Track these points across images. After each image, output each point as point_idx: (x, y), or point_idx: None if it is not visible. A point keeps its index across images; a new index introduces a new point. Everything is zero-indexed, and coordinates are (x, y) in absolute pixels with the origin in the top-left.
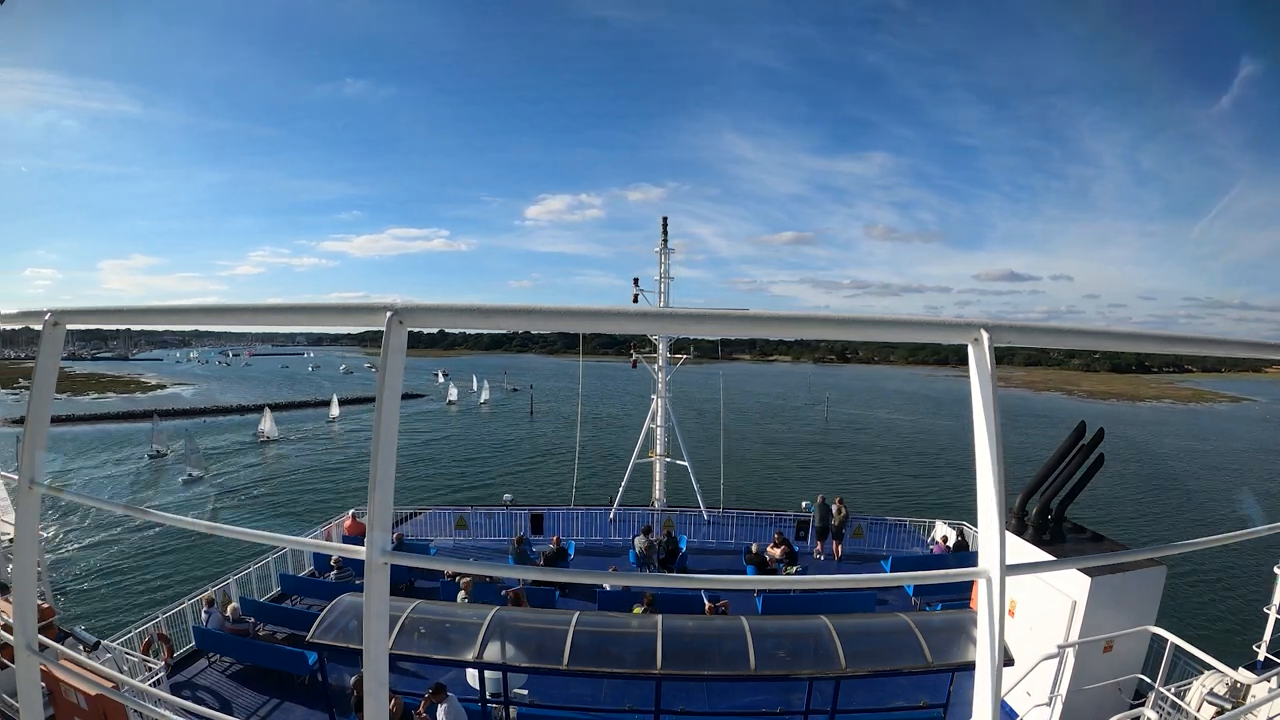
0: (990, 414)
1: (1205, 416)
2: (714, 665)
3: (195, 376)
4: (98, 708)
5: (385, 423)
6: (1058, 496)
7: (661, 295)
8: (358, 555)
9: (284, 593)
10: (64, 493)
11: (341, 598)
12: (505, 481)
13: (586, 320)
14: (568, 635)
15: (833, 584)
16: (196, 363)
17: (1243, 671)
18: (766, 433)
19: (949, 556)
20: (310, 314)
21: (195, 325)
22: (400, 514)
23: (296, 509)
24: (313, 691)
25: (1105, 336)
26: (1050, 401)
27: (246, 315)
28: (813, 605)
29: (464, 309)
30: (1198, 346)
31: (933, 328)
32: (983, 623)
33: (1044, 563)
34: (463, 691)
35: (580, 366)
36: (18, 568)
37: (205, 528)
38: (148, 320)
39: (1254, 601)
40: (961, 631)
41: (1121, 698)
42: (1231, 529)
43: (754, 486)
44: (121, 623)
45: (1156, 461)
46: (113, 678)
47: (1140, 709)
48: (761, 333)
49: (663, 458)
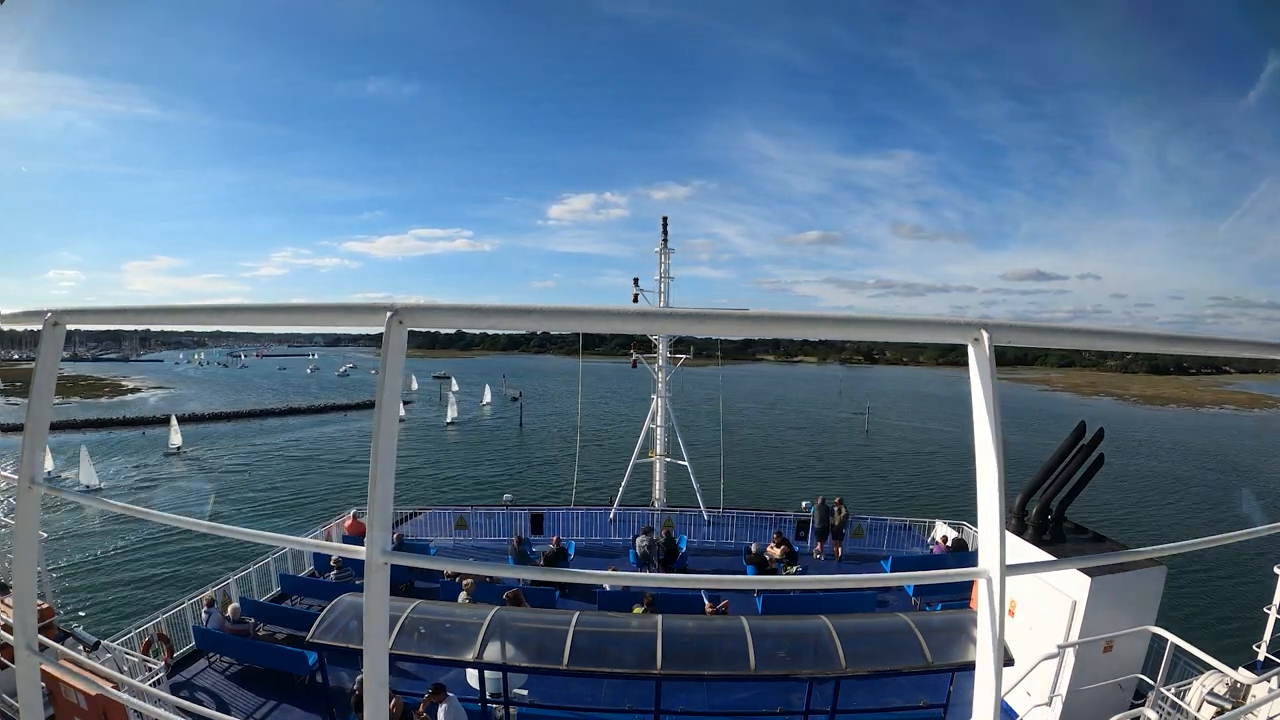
0: (991, 414)
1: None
2: (714, 665)
3: (182, 379)
4: (98, 708)
5: (385, 423)
6: (1058, 497)
7: (661, 295)
8: (358, 555)
9: (284, 593)
10: (64, 493)
11: (341, 598)
12: (505, 482)
13: (587, 320)
14: (568, 635)
15: (833, 584)
16: (195, 365)
17: (1243, 671)
18: (811, 445)
19: (949, 556)
20: (310, 314)
21: (194, 325)
22: (400, 514)
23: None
24: (313, 691)
25: (1105, 336)
26: (1104, 409)
27: (247, 315)
28: (813, 605)
29: (463, 309)
30: (1198, 346)
31: (933, 327)
32: (983, 623)
33: (1044, 563)
34: (463, 691)
35: (580, 366)
36: (18, 568)
37: (205, 528)
38: (146, 320)
39: (1254, 601)
40: (961, 631)
41: (1122, 697)
42: (1231, 529)
43: (754, 486)
44: (121, 623)
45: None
46: (113, 678)
47: (1140, 709)
48: (761, 332)
49: (663, 458)
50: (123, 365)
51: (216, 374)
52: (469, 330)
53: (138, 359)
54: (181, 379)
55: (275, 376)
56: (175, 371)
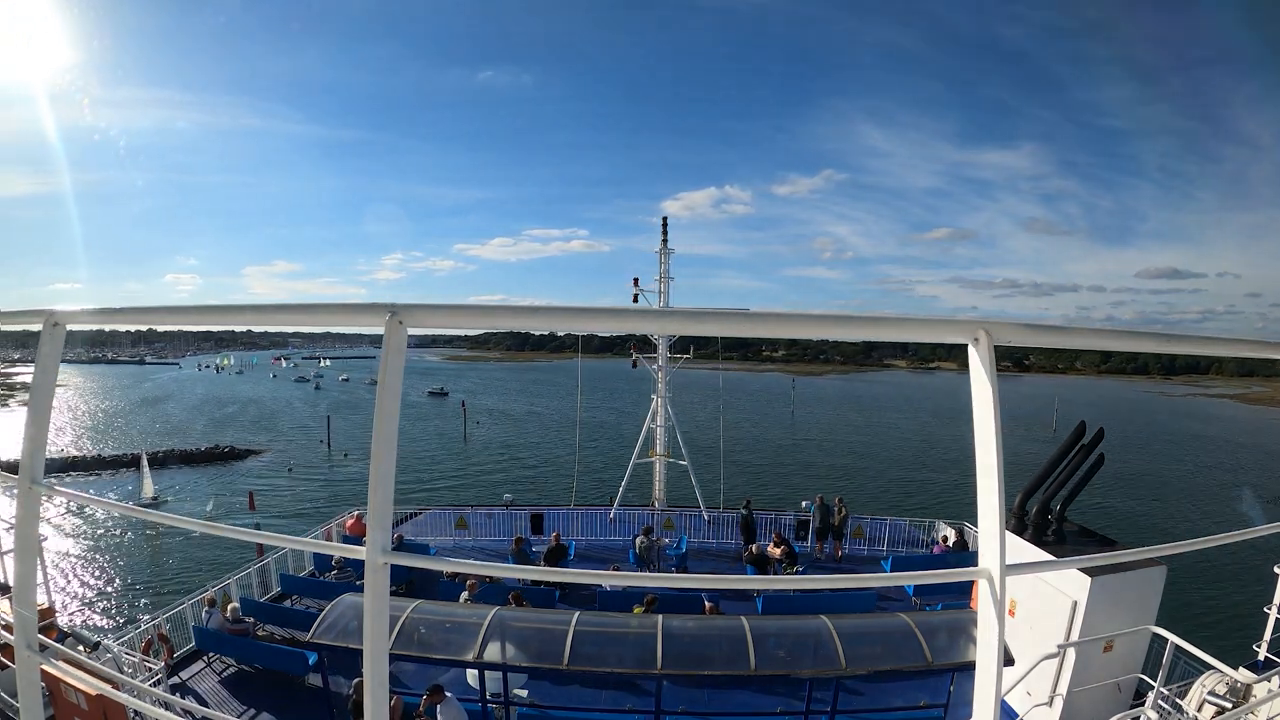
0: (991, 414)
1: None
2: (714, 665)
3: (160, 386)
4: (98, 708)
5: (385, 423)
6: (1058, 496)
7: (661, 295)
8: (358, 555)
9: (284, 593)
10: (64, 492)
11: (342, 598)
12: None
13: (587, 320)
14: (568, 635)
15: (833, 584)
16: (196, 369)
17: (1243, 671)
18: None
19: (949, 556)
20: (310, 314)
21: (193, 325)
22: (400, 514)
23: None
24: (313, 691)
25: (1105, 336)
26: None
27: (247, 315)
28: (813, 605)
29: (463, 308)
30: (1198, 346)
31: (933, 327)
32: (983, 623)
33: (1044, 563)
34: (463, 692)
35: (580, 366)
36: (18, 568)
37: (206, 528)
38: (146, 320)
39: (1254, 601)
40: (962, 631)
41: (1122, 697)
42: (1231, 529)
43: (755, 486)
44: (121, 623)
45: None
46: (113, 678)
47: (1140, 709)
48: (761, 332)
49: (663, 457)
50: (136, 368)
51: (207, 378)
52: (495, 330)
53: (150, 362)
54: (160, 386)
55: (267, 383)
56: (170, 376)
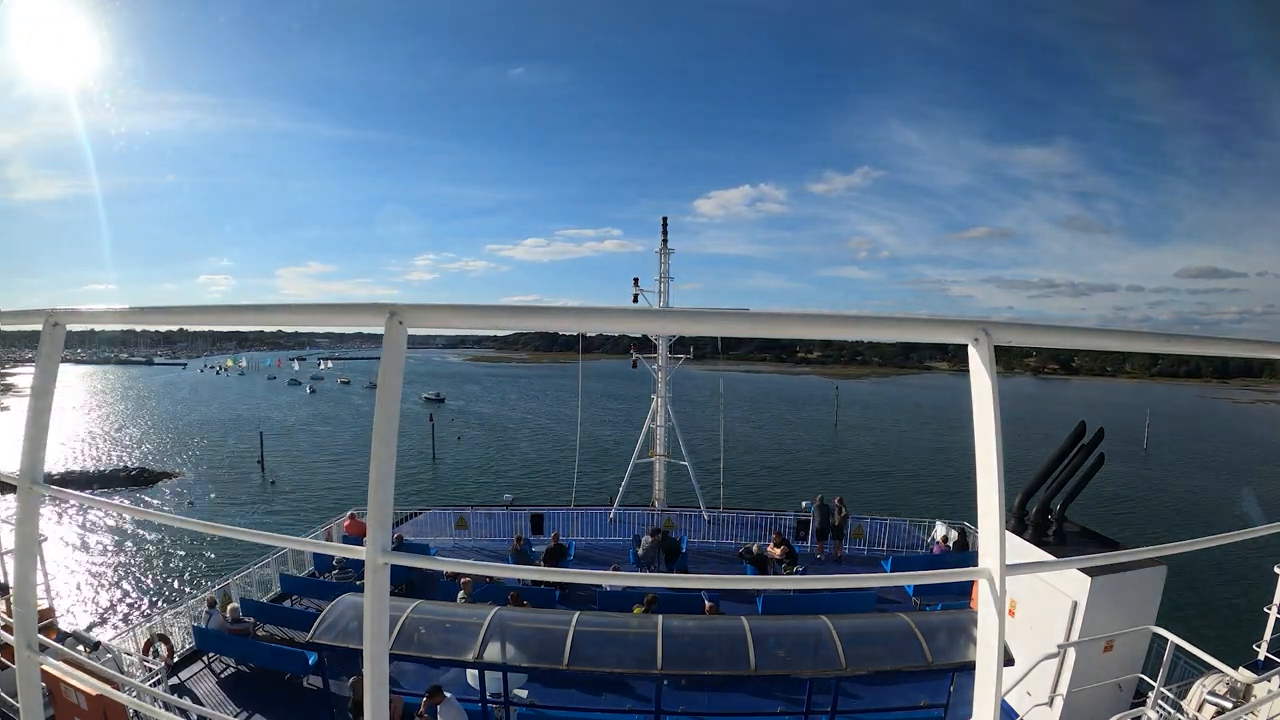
0: (991, 414)
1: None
2: (714, 665)
3: (149, 388)
4: (98, 708)
5: (385, 423)
6: (1058, 496)
7: (661, 295)
8: (358, 555)
9: (284, 593)
10: (64, 492)
11: (342, 598)
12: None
13: (587, 320)
14: (568, 635)
15: (833, 584)
16: (198, 370)
17: (1243, 671)
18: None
19: (949, 556)
20: (310, 314)
21: (192, 326)
22: (400, 514)
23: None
24: (313, 692)
25: (1105, 336)
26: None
27: (247, 315)
28: (813, 605)
29: (463, 308)
30: (1198, 345)
31: (933, 327)
32: (983, 623)
33: (1044, 563)
34: (463, 692)
35: (580, 367)
36: (18, 568)
37: (205, 528)
38: (146, 320)
39: (1254, 601)
40: (962, 631)
41: (1122, 697)
42: (1231, 529)
43: (754, 486)
44: (121, 623)
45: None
46: (113, 678)
47: (1141, 709)
48: (761, 332)
49: (663, 457)
50: (139, 368)
51: (204, 379)
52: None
53: (157, 363)
54: (152, 389)
55: (258, 386)
56: (168, 377)
